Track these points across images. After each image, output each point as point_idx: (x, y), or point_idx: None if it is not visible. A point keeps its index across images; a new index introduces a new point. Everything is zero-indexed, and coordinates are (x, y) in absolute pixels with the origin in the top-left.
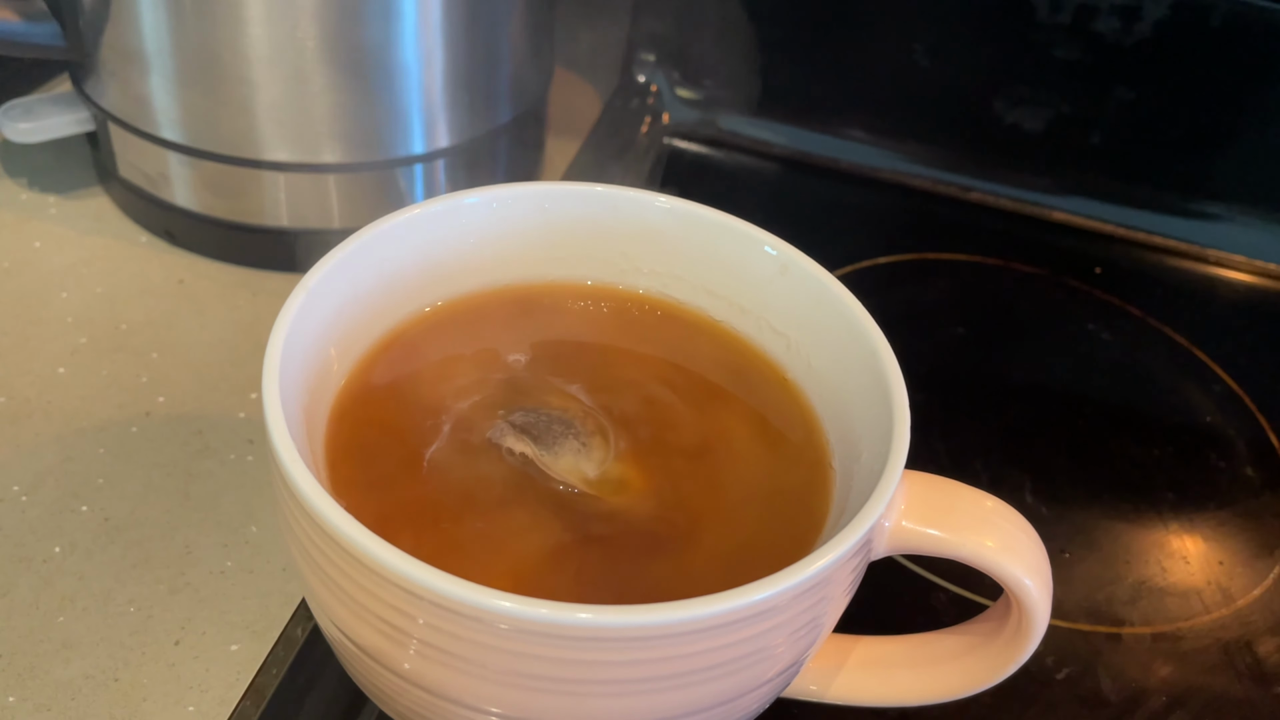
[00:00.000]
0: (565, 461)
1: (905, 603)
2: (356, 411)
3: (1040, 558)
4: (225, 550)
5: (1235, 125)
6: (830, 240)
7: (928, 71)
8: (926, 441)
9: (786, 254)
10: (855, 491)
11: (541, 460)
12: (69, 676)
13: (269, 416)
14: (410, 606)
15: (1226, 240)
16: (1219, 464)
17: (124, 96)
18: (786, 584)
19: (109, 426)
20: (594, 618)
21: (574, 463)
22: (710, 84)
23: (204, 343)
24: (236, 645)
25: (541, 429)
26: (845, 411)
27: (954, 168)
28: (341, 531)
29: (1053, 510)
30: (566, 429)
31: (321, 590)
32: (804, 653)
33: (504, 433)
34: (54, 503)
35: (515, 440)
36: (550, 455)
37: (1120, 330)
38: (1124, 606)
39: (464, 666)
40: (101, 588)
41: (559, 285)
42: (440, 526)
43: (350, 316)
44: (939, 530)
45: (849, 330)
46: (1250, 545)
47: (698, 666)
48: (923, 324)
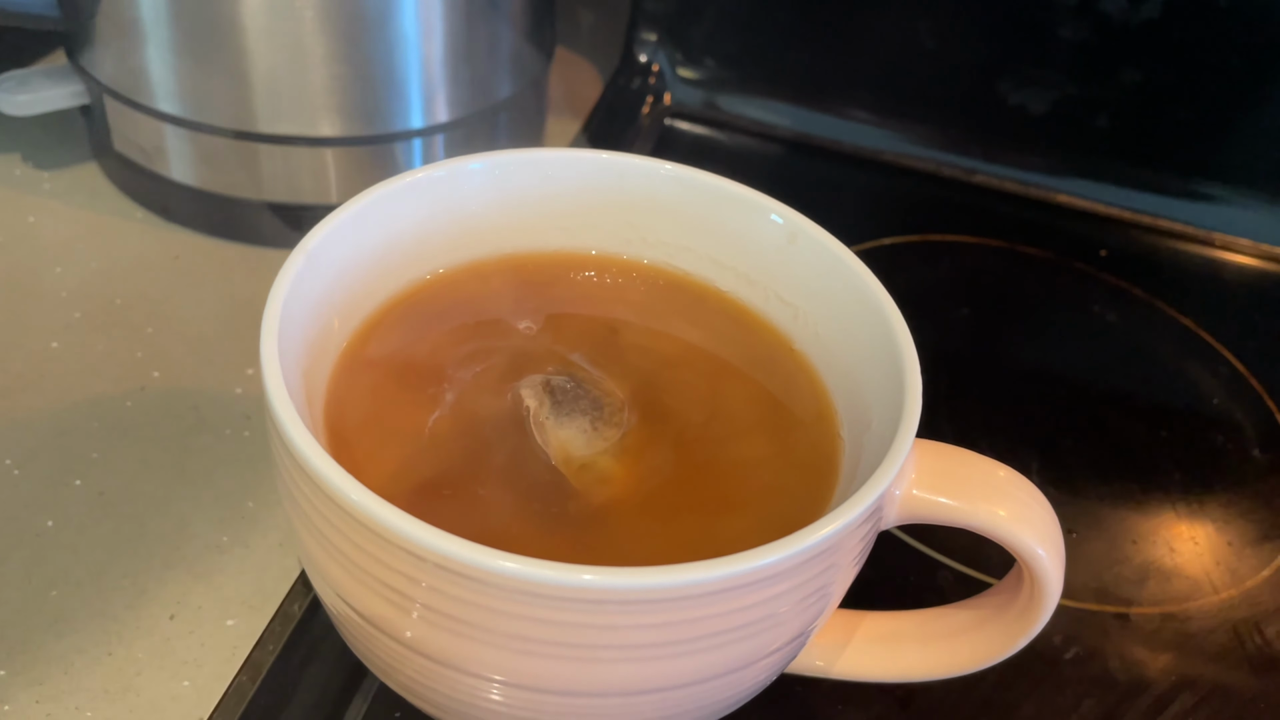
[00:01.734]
0: (562, 434)
1: (911, 581)
2: (357, 377)
3: (1053, 527)
4: (221, 525)
5: (1242, 108)
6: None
7: (932, 52)
8: (933, 423)
9: (795, 222)
10: (865, 460)
11: (539, 420)
12: (62, 651)
13: (267, 378)
14: (413, 569)
15: (1233, 223)
16: (1226, 446)
17: (119, 69)
18: (796, 548)
19: (103, 401)
20: (599, 579)
21: (568, 438)
22: (712, 64)
23: (199, 318)
24: (232, 620)
25: (567, 397)
26: (854, 381)
27: (959, 149)
28: (342, 492)
29: (1060, 491)
30: (589, 409)
31: (322, 556)
32: (812, 622)
33: (533, 385)
34: (47, 477)
35: (534, 395)
36: (553, 421)
37: (1126, 313)
38: (1132, 587)
39: (467, 631)
40: (95, 562)
41: (563, 254)
42: (442, 492)
43: (350, 281)
44: (951, 499)
45: (859, 298)
46: (1259, 527)
47: (704, 632)
48: (928, 306)
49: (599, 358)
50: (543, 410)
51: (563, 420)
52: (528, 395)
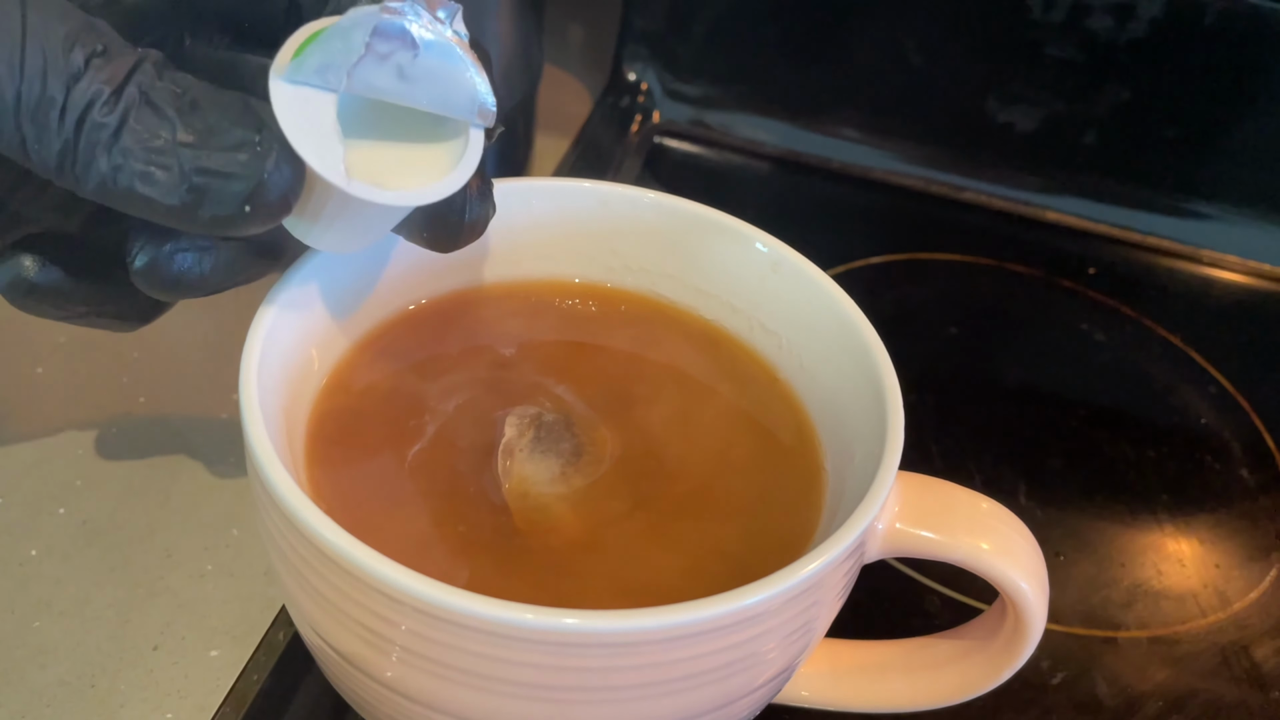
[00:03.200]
0: (528, 468)
1: (898, 606)
2: (338, 412)
3: (1036, 561)
4: (206, 553)
5: (1230, 125)
6: (822, 240)
7: (921, 70)
8: (920, 443)
9: (778, 251)
10: (848, 493)
11: (511, 448)
12: (44, 682)
13: (247, 419)
14: (392, 612)
15: (1221, 240)
16: (1214, 466)
17: None
18: (778, 588)
19: (88, 427)
20: (581, 623)
21: (532, 474)
22: (701, 82)
23: (186, 342)
24: (216, 650)
25: (550, 435)
26: (838, 412)
27: (947, 167)
28: (320, 536)
29: (1047, 513)
30: (567, 453)
31: (301, 596)
32: (796, 658)
33: (523, 415)
34: (31, 505)
35: (517, 425)
36: (525, 454)
37: (1114, 331)
38: (1120, 610)
39: (447, 673)
40: (79, 591)
41: (546, 283)
42: (423, 530)
43: (331, 315)
44: (934, 533)
45: (842, 329)
46: (1246, 548)
47: (687, 672)
48: (915, 324)
49: (581, 387)
50: (521, 440)
51: (535, 456)
52: (511, 423)
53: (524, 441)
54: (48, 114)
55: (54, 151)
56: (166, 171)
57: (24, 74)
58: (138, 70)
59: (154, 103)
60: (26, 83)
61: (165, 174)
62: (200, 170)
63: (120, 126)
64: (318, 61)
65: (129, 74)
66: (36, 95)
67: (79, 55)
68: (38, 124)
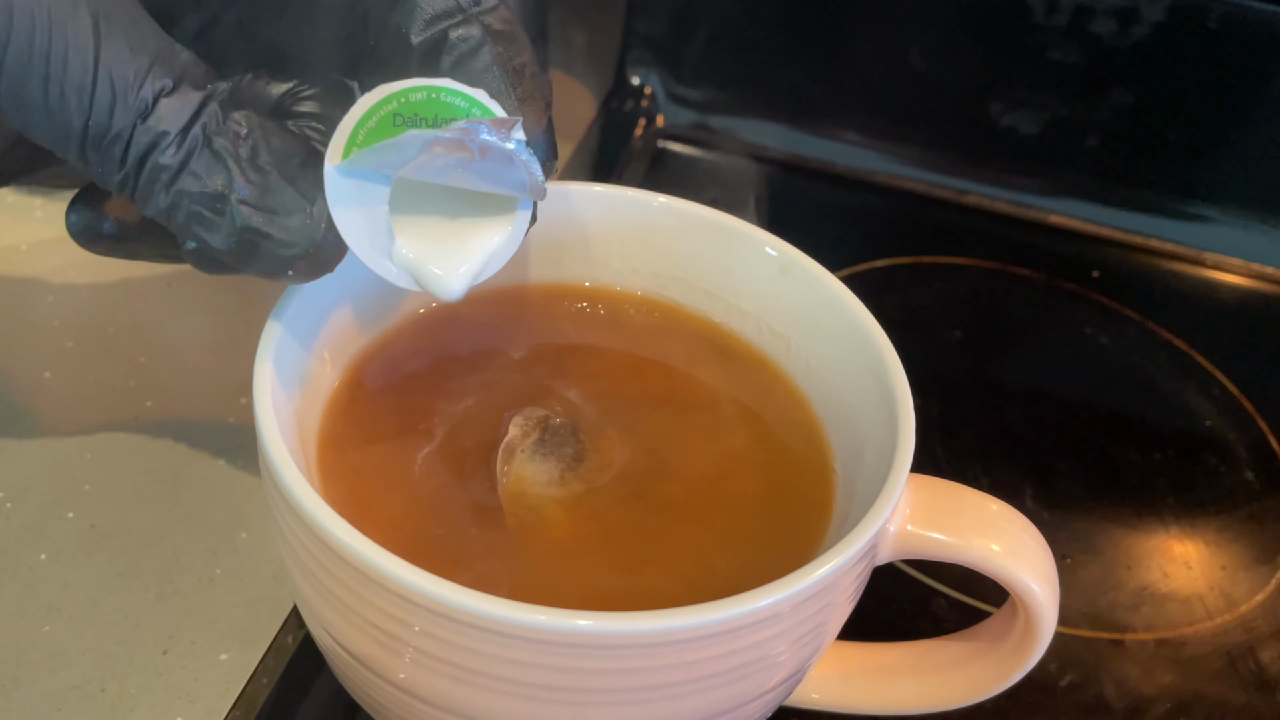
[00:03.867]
0: (528, 469)
1: (907, 609)
2: (350, 414)
3: (1047, 562)
4: (214, 557)
5: (1233, 128)
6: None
7: (924, 74)
8: (926, 446)
9: (787, 254)
10: (859, 495)
11: (512, 448)
12: (55, 687)
13: (261, 422)
14: (406, 613)
15: (1224, 243)
16: (1219, 468)
17: None
18: (790, 590)
19: (96, 431)
20: (593, 624)
21: (532, 475)
22: (705, 87)
23: (193, 347)
24: (226, 654)
25: (555, 439)
26: (848, 414)
27: (950, 171)
28: (335, 536)
29: (1053, 515)
30: (569, 457)
31: (314, 597)
32: (807, 660)
33: (530, 416)
34: (39, 509)
35: (522, 425)
36: (527, 455)
37: (1118, 334)
38: (1127, 613)
39: (460, 675)
40: (88, 596)
41: (556, 286)
42: (435, 531)
43: (343, 318)
44: (945, 535)
45: (851, 331)
46: (1252, 550)
47: (699, 675)
48: (919, 328)
49: (590, 390)
50: (524, 441)
51: (536, 458)
52: (517, 423)
53: (527, 443)
54: (112, 147)
55: (115, 179)
56: (220, 218)
57: (93, 107)
58: (204, 110)
59: (216, 150)
60: (95, 116)
61: (219, 220)
62: (250, 230)
63: (180, 170)
64: (374, 162)
65: (195, 114)
66: (103, 129)
67: (149, 91)
68: (102, 154)
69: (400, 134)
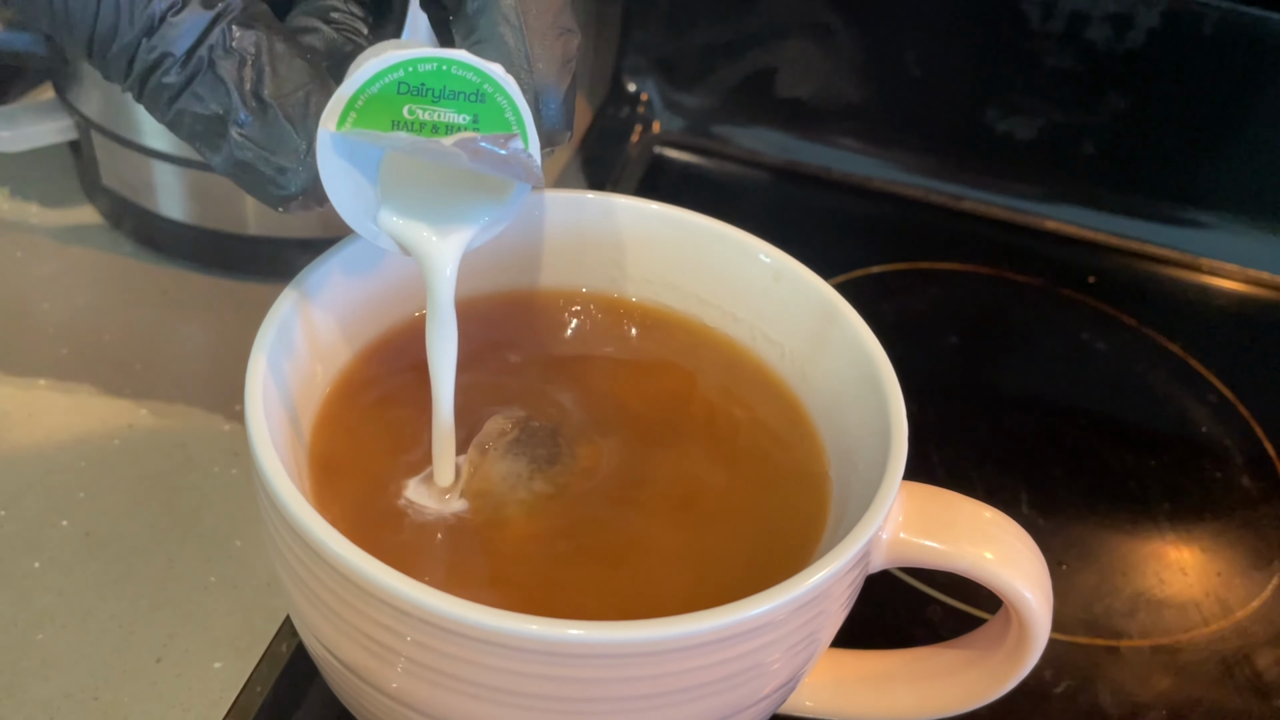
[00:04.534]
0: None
1: (902, 616)
2: (341, 420)
3: (1040, 570)
4: (209, 565)
5: (1229, 133)
6: (822, 250)
7: (920, 80)
8: (921, 452)
9: (780, 262)
10: (852, 503)
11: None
12: (48, 695)
13: (252, 432)
14: (397, 623)
15: (1220, 249)
16: (1215, 474)
17: (107, 104)
18: (783, 599)
19: (90, 439)
20: (586, 634)
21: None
22: (701, 93)
23: (188, 354)
24: (220, 662)
25: (531, 441)
26: (842, 421)
27: (947, 176)
28: (326, 546)
29: (1049, 522)
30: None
31: (306, 608)
32: (801, 668)
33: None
34: (34, 517)
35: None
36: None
37: (1115, 339)
38: (1122, 619)
39: (453, 684)
40: (82, 604)
41: (550, 291)
42: (427, 539)
43: (334, 326)
44: (938, 542)
45: (844, 339)
46: (1248, 556)
47: (692, 683)
48: (916, 334)
49: (583, 395)
50: (499, 440)
51: (508, 457)
52: (495, 421)
53: (502, 441)
54: (118, 60)
55: (121, 86)
56: (221, 139)
57: (98, 21)
58: (212, 30)
59: (219, 74)
60: (100, 28)
61: (220, 141)
62: (241, 164)
63: (183, 89)
64: (366, 138)
65: (202, 35)
66: (107, 41)
67: (156, 7)
68: (108, 65)
69: (393, 134)
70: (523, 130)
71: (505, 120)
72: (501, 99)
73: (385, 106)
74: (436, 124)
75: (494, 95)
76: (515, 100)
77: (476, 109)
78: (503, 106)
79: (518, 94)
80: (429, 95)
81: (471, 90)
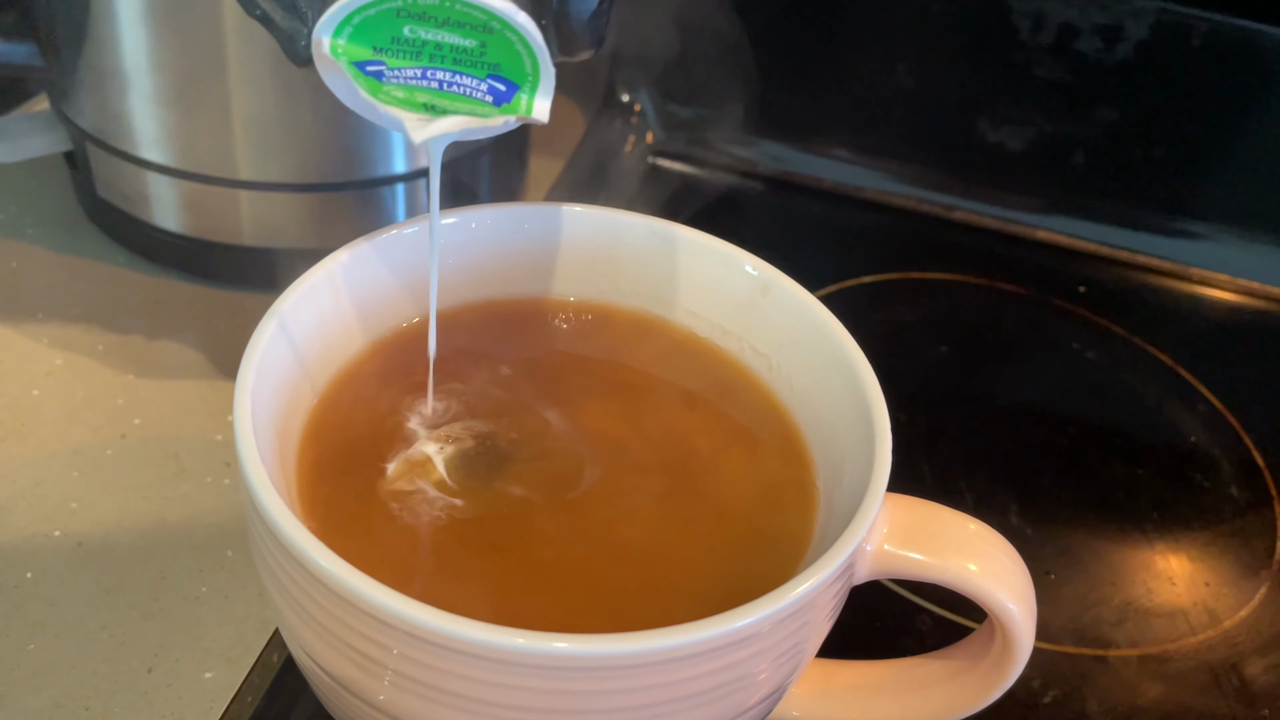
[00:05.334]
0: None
1: (889, 626)
2: (330, 431)
3: (1024, 582)
4: (201, 575)
5: (1218, 144)
6: (814, 259)
7: (912, 91)
8: (911, 461)
9: (768, 275)
10: (837, 515)
11: None
12: (39, 705)
13: (241, 444)
14: (383, 636)
15: (1211, 259)
16: (1204, 484)
17: (102, 116)
18: (767, 610)
19: (83, 449)
20: (571, 647)
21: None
22: (694, 103)
23: (182, 364)
24: (211, 672)
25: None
26: (829, 433)
27: (938, 187)
28: (313, 560)
29: (1038, 531)
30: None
31: (294, 620)
32: (786, 679)
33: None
34: (25, 527)
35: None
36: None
37: (1105, 349)
38: (1110, 628)
39: (438, 696)
40: (73, 614)
41: (538, 301)
42: (414, 552)
43: (323, 339)
44: (922, 554)
45: (830, 352)
46: (1236, 565)
47: (678, 695)
48: (907, 343)
49: (571, 404)
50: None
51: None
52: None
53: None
54: None
55: None
56: None
57: None
58: None
59: None
60: None
61: None
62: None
63: None
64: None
65: None
66: None
67: None
68: None
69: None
70: (534, 62)
71: (515, 52)
72: (510, 34)
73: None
74: (440, 44)
75: (502, 30)
76: (525, 34)
77: (483, 37)
78: (512, 40)
79: (529, 28)
80: (430, 22)
81: (478, 24)
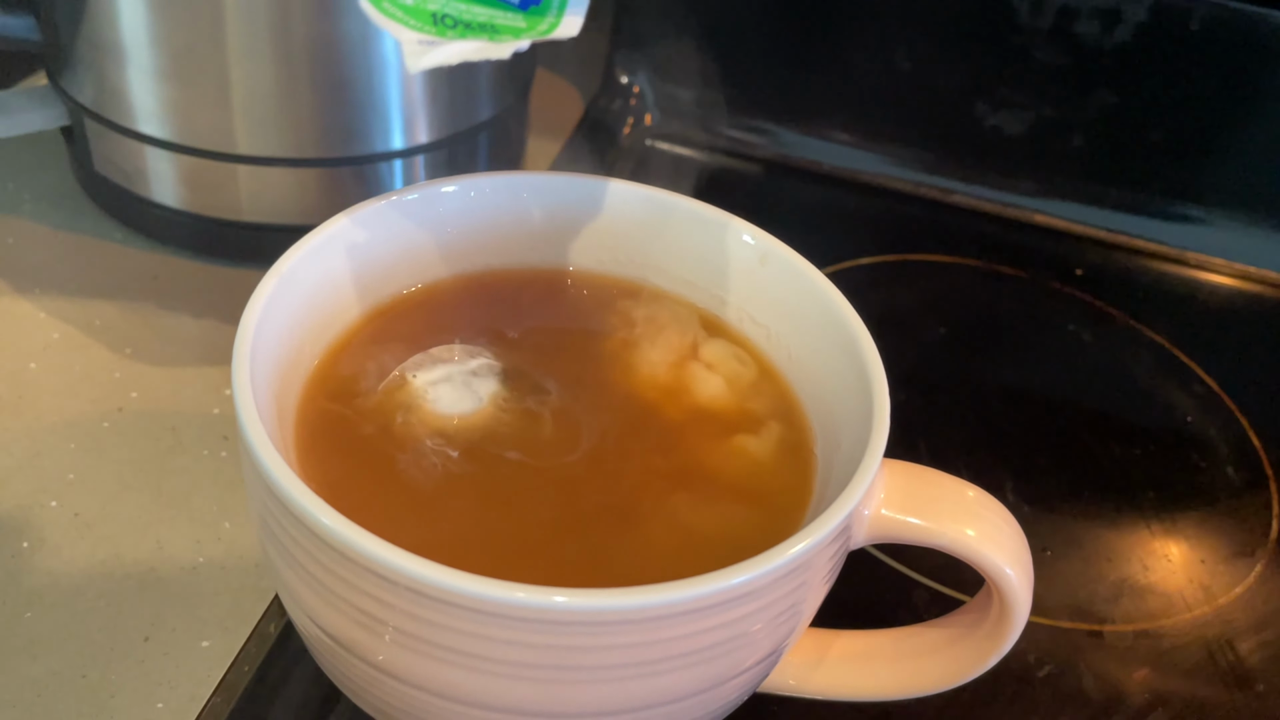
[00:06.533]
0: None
1: (887, 600)
2: (328, 396)
3: (1021, 547)
4: (197, 546)
5: (1216, 128)
6: (812, 242)
7: (910, 74)
8: (909, 441)
9: (765, 244)
10: (835, 479)
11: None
12: (36, 674)
13: (240, 405)
14: (384, 593)
15: (1207, 243)
16: (1200, 464)
17: (100, 91)
18: (766, 567)
19: (80, 422)
20: (571, 601)
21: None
22: (693, 86)
23: (178, 339)
24: (208, 641)
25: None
26: (827, 400)
27: (936, 170)
28: (313, 516)
29: (1035, 509)
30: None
31: (294, 580)
32: (783, 641)
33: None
34: (23, 498)
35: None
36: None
37: (1101, 332)
38: (1106, 605)
39: (438, 653)
40: (70, 584)
41: (535, 270)
42: (413, 510)
43: (322, 303)
44: (919, 519)
45: (829, 319)
46: (1231, 544)
47: (676, 652)
48: (904, 325)
49: (570, 372)
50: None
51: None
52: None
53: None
54: None
55: None
56: None
57: None
58: None
59: None
60: None
61: None
62: None
63: None
64: None
65: None
66: None
67: None
68: None
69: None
70: None
71: None
72: None
73: None
74: None
75: None
76: None
77: None
78: None
79: None
80: None
81: None
